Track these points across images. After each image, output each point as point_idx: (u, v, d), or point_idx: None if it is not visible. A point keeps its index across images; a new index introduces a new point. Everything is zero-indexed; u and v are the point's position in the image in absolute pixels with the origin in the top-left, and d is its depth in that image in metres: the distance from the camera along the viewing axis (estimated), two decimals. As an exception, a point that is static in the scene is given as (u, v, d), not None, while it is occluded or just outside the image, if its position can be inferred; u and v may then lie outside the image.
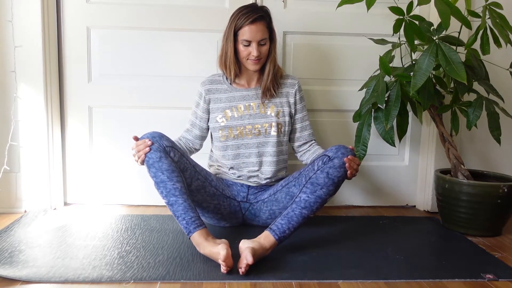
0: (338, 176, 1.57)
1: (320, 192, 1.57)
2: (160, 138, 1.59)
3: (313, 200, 1.56)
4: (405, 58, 1.99)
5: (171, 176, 1.54)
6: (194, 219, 1.50)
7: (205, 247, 1.46)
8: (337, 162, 1.57)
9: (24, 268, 1.39)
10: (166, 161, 1.55)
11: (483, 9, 1.73)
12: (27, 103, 1.94)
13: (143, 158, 1.56)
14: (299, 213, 1.55)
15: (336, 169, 1.56)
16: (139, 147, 1.57)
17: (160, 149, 1.56)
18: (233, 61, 1.75)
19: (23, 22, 1.89)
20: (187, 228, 1.50)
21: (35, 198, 1.99)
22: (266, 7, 1.76)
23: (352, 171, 1.58)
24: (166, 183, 1.53)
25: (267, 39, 1.73)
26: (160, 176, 1.54)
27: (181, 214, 1.51)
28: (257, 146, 1.79)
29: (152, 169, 1.55)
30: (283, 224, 1.53)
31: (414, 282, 1.37)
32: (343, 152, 1.58)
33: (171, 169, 1.55)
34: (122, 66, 2.07)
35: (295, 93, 1.84)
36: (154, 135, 1.59)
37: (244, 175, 1.80)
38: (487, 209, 1.78)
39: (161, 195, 1.55)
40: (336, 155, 1.58)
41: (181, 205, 1.51)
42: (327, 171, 1.57)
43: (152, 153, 1.55)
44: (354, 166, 1.58)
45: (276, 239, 1.51)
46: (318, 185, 1.57)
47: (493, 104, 1.81)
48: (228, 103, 1.80)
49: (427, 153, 2.17)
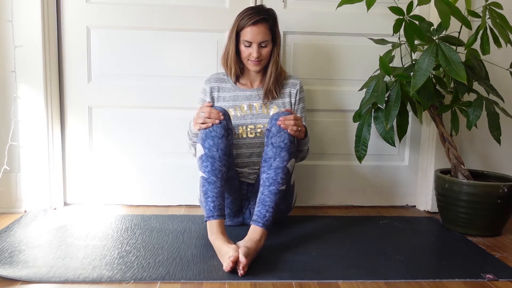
0: (282, 141, 1.57)
1: (275, 163, 1.57)
2: (228, 118, 1.62)
3: (273, 174, 1.56)
4: (405, 58, 1.99)
5: (223, 158, 1.56)
6: (221, 207, 1.53)
7: (218, 238, 1.47)
8: (274, 129, 1.59)
9: (24, 268, 1.39)
10: (225, 141, 1.57)
11: (483, 9, 1.73)
12: (27, 103, 1.94)
13: (208, 126, 1.57)
14: (268, 192, 1.55)
15: (276, 136, 1.58)
16: (212, 114, 1.58)
17: (226, 128, 1.58)
18: (234, 61, 1.76)
19: (23, 22, 1.89)
20: (211, 211, 1.51)
21: (35, 198, 1.99)
22: (273, 10, 1.77)
23: (292, 128, 1.58)
24: (215, 161, 1.55)
25: (269, 42, 1.73)
26: (213, 152, 1.55)
27: (213, 196, 1.52)
28: (258, 146, 1.79)
29: (210, 141, 1.56)
30: (261, 210, 1.54)
31: (414, 282, 1.37)
32: (276, 118, 1.61)
33: (225, 151, 1.57)
34: (122, 66, 2.07)
35: (296, 93, 1.85)
36: (226, 113, 1.61)
37: (245, 172, 1.80)
38: (487, 209, 1.78)
39: (204, 169, 1.55)
40: (271, 124, 1.61)
41: (218, 188, 1.53)
42: (270, 142, 1.59)
43: (219, 128, 1.57)
44: (291, 123, 1.58)
45: (261, 226, 1.51)
46: (270, 159, 1.58)
47: (493, 104, 1.81)
48: (233, 102, 1.81)
49: (427, 153, 2.17)
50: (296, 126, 1.60)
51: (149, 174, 2.12)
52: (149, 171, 2.12)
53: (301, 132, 1.63)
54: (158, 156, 2.13)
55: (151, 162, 2.12)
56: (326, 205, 2.21)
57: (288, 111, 1.65)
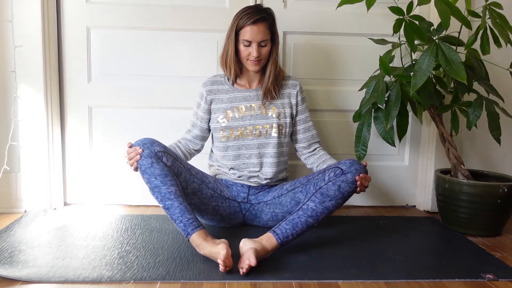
0: (349, 191, 1.58)
1: (329, 203, 1.57)
2: (151, 144, 1.59)
3: (320, 210, 1.56)
4: (405, 58, 1.99)
5: (165, 181, 1.55)
6: (192, 221, 1.50)
7: (205, 247, 1.46)
8: (350, 177, 1.57)
9: (24, 268, 1.39)
10: (158, 166, 1.56)
11: (483, 9, 1.73)
12: (27, 103, 1.94)
13: (135, 166, 1.58)
14: (305, 220, 1.55)
15: (348, 184, 1.57)
16: (130, 155, 1.59)
17: (151, 155, 1.57)
18: (233, 61, 1.75)
19: (23, 22, 1.89)
20: (185, 230, 1.50)
21: (35, 198, 1.99)
22: (271, 9, 1.76)
23: (362, 188, 1.59)
24: (160, 188, 1.54)
25: (268, 41, 1.73)
26: (153, 182, 1.55)
27: (178, 217, 1.51)
28: (258, 147, 1.79)
29: (145, 175, 1.56)
30: (288, 229, 1.53)
31: (414, 282, 1.37)
32: (357, 168, 1.58)
33: (164, 173, 1.56)
34: (122, 66, 2.07)
35: (296, 94, 1.84)
36: (144, 141, 1.60)
37: (245, 175, 1.80)
38: (487, 209, 1.78)
39: (157, 200, 1.56)
40: (349, 170, 1.58)
41: (177, 208, 1.52)
42: (339, 184, 1.57)
43: (143, 159, 1.56)
44: (366, 184, 1.59)
45: (279, 243, 1.51)
46: (328, 196, 1.57)
47: (493, 104, 1.81)
48: (230, 104, 1.80)
49: (427, 153, 2.17)
50: (366, 188, 1.60)
51: (149, 174, 2.12)
52: (149, 171, 2.12)
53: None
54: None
55: (151, 162, 2.11)
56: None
57: (365, 165, 1.62)
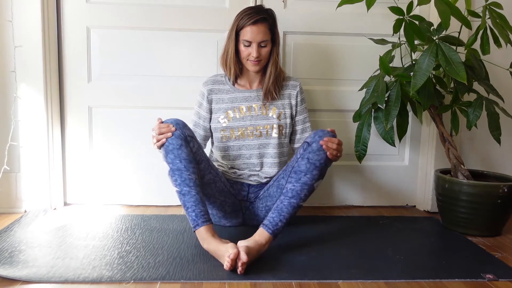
0: (319, 160, 1.57)
1: (305, 178, 1.57)
2: (183, 126, 1.59)
3: (299, 188, 1.56)
4: (405, 58, 1.99)
5: (189, 166, 1.54)
6: (203, 213, 1.51)
7: (211, 243, 1.47)
8: (315, 146, 1.57)
9: (24, 268, 1.39)
10: (185, 150, 1.55)
11: (483, 9, 1.73)
12: (27, 103, 1.94)
13: (163, 142, 1.56)
14: (288, 203, 1.56)
15: (315, 153, 1.57)
16: (162, 129, 1.57)
17: (181, 137, 1.56)
18: (233, 61, 1.76)
19: (23, 22, 1.89)
20: (195, 221, 1.50)
21: (35, 198, 1.99)
22: (272, 10, 1.77)
23: (332, 152, 1.57)
24: (182, 172, 1.53)
25: (269, 41, 1.73)
26: (177, 164, 1.54)
27: (192, 206, 1.51)
28: (258, 147, 1.79)
29: (171, 155, 1.55)
30: (275, 217, 1.54)
31: (414, 282, 1.37)
32: (320, 135, 1.59)
33: (189, 159, 1.55)
34: (122, 66, 2.07)
35: (296, 95, 1.84)
36: (178, 122, 1.60)
37: (245, 174, 1.80)
38: (487, 209, 1.78)
39: (174, 182, 1.54)
40: (313, 139, 1.59)
41: (194, 196, 1.52)
42: (307, 156, 1.58)
43: (174, 139, 1.55)
44: (333, 147, 1.57)
45: (270, 233, 1.51)
46: (301, 172, 1.57)
47: (493, 104, 1.81)
48: (231, 104, 1.80)
49: (427, 153, 2.17)
50: (337, 151, 1.59)
51: (149, 174, 2.12)
52: (149, 171, 2.12)
53: (338, 158, 1.62)
54: (158, 156, 2.10)
55: (151, 162, 2.11)
56: (326, 205, 2.21)
57: (333, 132, 1.62)
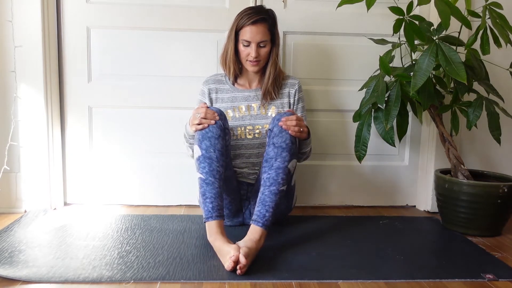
0: (284, 141, 1.57)
1: (276, 163, 1.57)
2: (225, 119, 1.62)
3: (274, 174, 1.56)
4: (405, 58, 1.99)
5: (220, 158, 1.55)
6: (219, 208, 1.52)
7: (218, 239, 1.47)
8: (276, 130, 1.59)
9: (24, 268, 1.39)
10: (222, 141, 1.57)
11: (483, 9, 1.73)
12: (27, 103, 1.94)
13: (205, 127, 1.57)
14: (268, 192, 1.55)
15: (278, 136, 1.58)
16: (208, 115, 1.58)
17: (222, 128, 1.58)
18: (233, 60, 1.76)
19: (23, 22, 1.89)
20: (210, 212, 1.50)
21: (35, 198, 1.99)
22: (272, 11, 1.77)
23: (294, 129, 1.58)
24: (213, 162, 1.54)
25: (268, 42, 1.73)
26: (211, 153, 1.55)
27: (211, 197, 1.52)
28: (257, 146, 1.79)
29: (206, 141, 1.55)
30: (260, 210, 1.54)
31: (414, 282, 1.37)
32: (278, 118, 1.61)
33: (222, 151, 1.57)
34: (122, 66, 2.07)
35: (294, 93, 1.84)
36: (221, 112, 1.61)
37: (244, 172, 1.80)
38: (487, 209, 1.78)
39: (202, 170, 1.55)
40: (273, 124, 1.61)
41: (216, 189, 1.53)
42: (272, 142, 1.59)
43: (215, 128, 1.56)
44: (293, 123, 1.58)
45: (261, 226, 1.51)
46: (271, 159, 1.58)
47: (493, 104, 1.81)
48: (231, 103, 1.80)
49: (427, 153, 2.17)
50: (298, 126, 1.59)
51: (149, 174, 2.12)
52: (149, 171, 2.12)
53: (303, 133, 1.63)
54: (158, 156, 2.13)
55: (151, 162, 2.11)
56: (326, 205, 2.21)
57: (290, 111, 1.65)
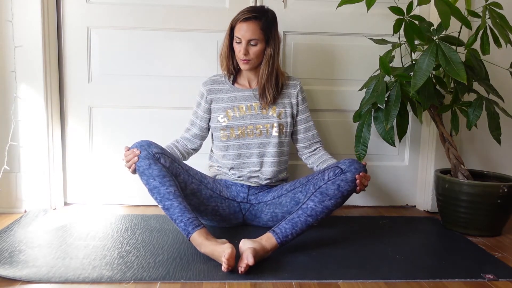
0: (348, 190, 1.57)
1: (328, 203, 1.56)
2: (148, 146, 1.60)
3: (320, 209, 1.56)
4: (405, 58, 1.99)
5: (163, 181, 1.55)
6: (192, 220, 1.50)
7: (207, 245, 1.46)
8: (350, 176, 1.57)
9: (24, 268, 1.39)
10: (156, 167, 1.56)
11: (483, 9, 1.73)
12: (27, 103, 1.94)
13: (133, 168, 1.58)
14: (304, 220, 1.55)
15: (347, 183, 1.57)
16: (128, 157, 1.59)
17: (148, 156, 1.57)
18: (226, 55, 1.78)
19: (23, 22, 1.89)
20: (186, 230, 1.49)
21: (35, 198, 1.99)
22: (273, 12, 1.76)
23: (362, 187, 1.58)
24: (159, 189, 1.54)
25: (259, 41, 1.71)
26: (152, 183, 1.55)
27: (178, 217, 1.51)
28: (258, 146, 1.79)
29: (144, 176, 1.56)
30: (287, 229, 1.53)
31: (414, 282, 1.37)
32: (356, 167, 1.58)
33: (162, 174, 1.56)
34: (122, 66, 2.07)
35: (297, 94, 1.84)
36: (142, 143, 1.61)
37: (245, 176, 1.80)
38: (487, 209, 1.78)
39: (156, 201, 1.55)
40: (349, 169, 1.58)
41: (177, 207, 1.52)
42: (338, 183, 1.57)
43: (141, 161, 1.57)
44: (365, 183, 1.59)
45: (278, 242, 1.51)
46: (327, 196, 1.56)
47: (493, 104, 1.81)
48: (230, 103, 1.80)
49: (427, 153, 2.17)
50: (365, 188, 1.60)
51: (149, 174, 2.12)
52: (149, 171, 2.12)
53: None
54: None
55: (151, 162, 2.11)
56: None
57: (365, 165, 1.63)
